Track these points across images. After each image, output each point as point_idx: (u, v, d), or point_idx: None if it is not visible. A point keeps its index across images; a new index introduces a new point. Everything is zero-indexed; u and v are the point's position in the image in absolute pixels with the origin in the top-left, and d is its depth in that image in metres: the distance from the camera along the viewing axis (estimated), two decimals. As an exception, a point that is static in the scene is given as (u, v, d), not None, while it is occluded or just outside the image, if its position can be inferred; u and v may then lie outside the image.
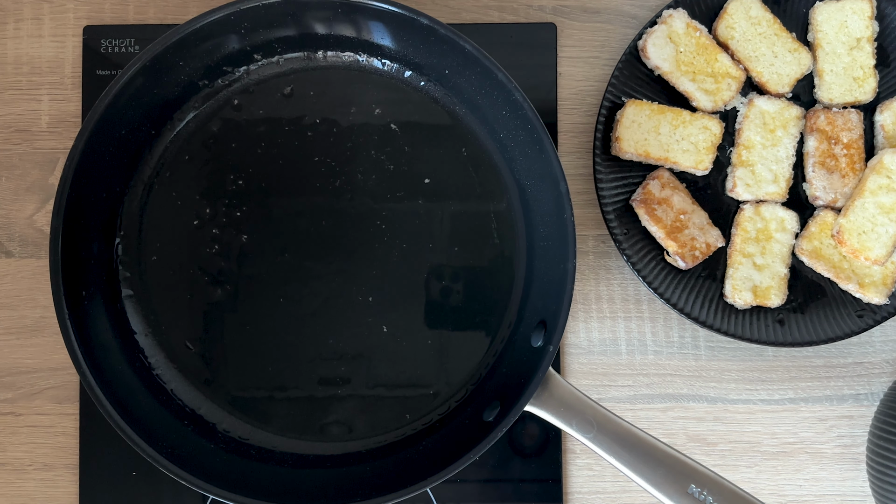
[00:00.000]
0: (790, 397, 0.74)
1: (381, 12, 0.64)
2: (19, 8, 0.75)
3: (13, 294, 0.74)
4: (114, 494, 0.72)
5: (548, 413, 0.62)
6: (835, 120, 0.71)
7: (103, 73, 0.74)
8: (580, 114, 0.75)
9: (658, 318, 0.74)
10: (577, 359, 0.74)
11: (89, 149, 0.63)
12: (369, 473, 0.67)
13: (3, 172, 0.75)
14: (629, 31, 0.75)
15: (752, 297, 0.71)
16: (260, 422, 0.69)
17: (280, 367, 0.69)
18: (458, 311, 0.69)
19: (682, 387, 0.74)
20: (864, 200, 0.69)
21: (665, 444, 0.60)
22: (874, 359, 0.74)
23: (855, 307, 0.71)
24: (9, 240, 0.74)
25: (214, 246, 0.69)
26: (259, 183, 0.69)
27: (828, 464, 0.74)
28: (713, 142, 0.71)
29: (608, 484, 0.74)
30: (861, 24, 0.71)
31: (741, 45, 0.72)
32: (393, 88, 0.70)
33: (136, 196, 0.69)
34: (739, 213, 0.72)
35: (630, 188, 0.72)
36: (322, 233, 0.69)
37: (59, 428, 0.74)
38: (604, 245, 0.75)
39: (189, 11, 0.75)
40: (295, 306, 0.69)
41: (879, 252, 0.69)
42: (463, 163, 0.70)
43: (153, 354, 0.68)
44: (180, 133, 0.69)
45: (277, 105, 0.70)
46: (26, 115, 0.75)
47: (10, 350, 0.74)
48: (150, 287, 0.69)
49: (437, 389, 0.69)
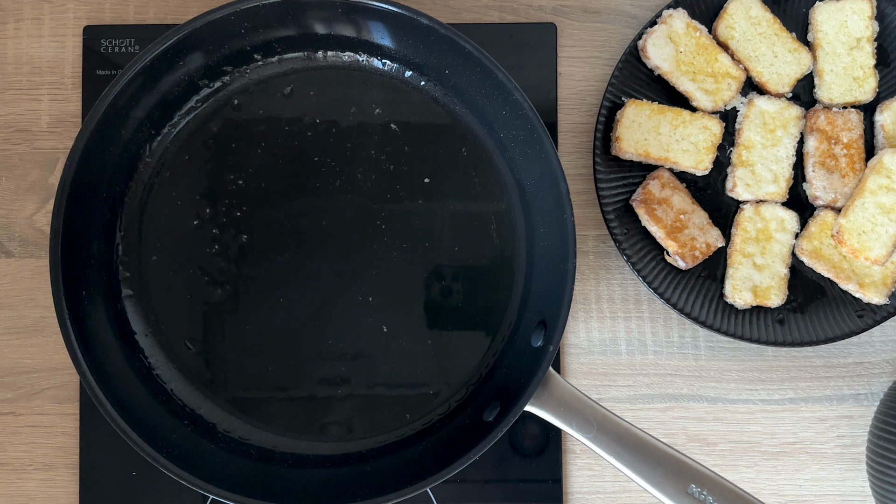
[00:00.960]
0: (790, 397, 0.74)
1: (381, 12, 0.64)
2: (19, 8, 0.75)
3: (13, 294, 0.74)
4: (114, 494, 0.72)
5: (548, 413, 0.62)
6: (835, 120, 0.71)
7: (103, 73, 0.74)
8: (580, 114, 0.75)
9: (658, 318, 0.74)
10: (577, 359, 0.74)
11: (89, 149, 0.63)
12: (369, 473, 0.67)
13: (3, 172, 0.75)
14: (629, 31, 0.75)
15: (752, 297, 0.71)
16: (260, 422, 0.69)
17: (280, 367, 0.69)
18: (458, 311, 0.69)
19: (682, 387, 0.74)
20: (864, 200, 0.69)
21: (665, 444, 0.60)
22: (874, 359, 0.74)
23: (855, 307, 0.71)
24: (9, 240, 0.74)
25: (214, 246, 0.69)
26: (259, 183, 0.70)
27: (828, 464, 0.74)
28: (713, 142, 0.71)
29: (608, 484, 0.74)
30: (861, 24, 0.71)
31: (741, 45, 0.72)
32: (393, 88, 0.70)
33: (136, 196, 0.69)
34: (739, 213, 0.72)
35: (630, 188, 0.72)
36: (322, 233, 0.69)
37: (59, 428, 0.74)
38: (604, 245, 0.75)
39: (189, 11, 0.75)
40: (295, 306, 0.69)
41: (879, 252, 0.69)
42: (463, 163, 0.70)
43: (153, 354, 0.68)
44: (180, 133, 0.69)
45: (277, 105, 0.70)
46: (26, 115, 0.75)
47: (10, 350, 0.74)
48: (150, 287, 0.69)
49: (437, 389, 0.69)
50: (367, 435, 0.69)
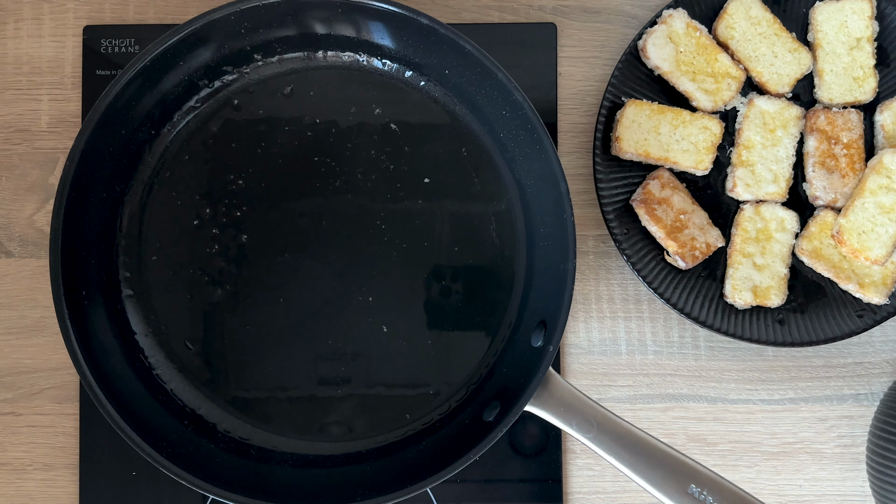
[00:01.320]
0: (790, 397, 0.74)
1: (381, 12, 0.64)
2: (19, 8, 0.75)
3: (13, 294, 0.74)
4: (114, 494, 0.72)
5: (548, 413, 0.62)
6: (835, 120, 0.71)
7: (103, 73, 0.74)
8: (580, 114, 0.75)
9: (658, 318, 0.74)
10: (577, 359, 0.74)
11: (89, 149, 0.63)
12: (369, 473, 0.67)
13: (3, 172, 0.75)
14: (629, 31, 0.75)
15: (752, 297, 0.71)
16: (260, 422, 0.69)
17: (280, 367, 0.69)
18: (458, 311, 0.69)
19: (682, 387, 0.74)
20: (864, 200, 0.69)
21: (665, 444, 0.60)
22: (874, 359, 0.74)
23: (855, 307, 0.71)
24: (9, 240, 0.74)
25: (214, 246, 0.69)
26: (259, 183, 0.69)
27: (828, 464, 0.74)
28: (713, 142, 0.71)
29: (608, 484, 0.74)
30: (861, 24, 0.71)
31: (741, 45, 0.72)
32: (393, 88, 0.70)
33: (136, 196, 0.69)
34: (739, 213, 0.72)
35: (630, 188, 0.72)
36: (322, 233, 0.69)
37: (59, 428, 0.74)
38: (604, 245, 0.75)
39: (189, 11, 0.75)
40: (295, 306, 0.69)
41: (879, 252, 0.69)
42: (463, 163, 0.70)
43: (153, 354, 0.69)
44: (180, 133, 0.69)
45: (277, 105, 0.70)
46: (26, 115, 0.75)
47: (10, 350, 0.74)
48: (150, 287, 0.69)
49: (438, 389, 0.69)
50: (367, 435, 0.69)
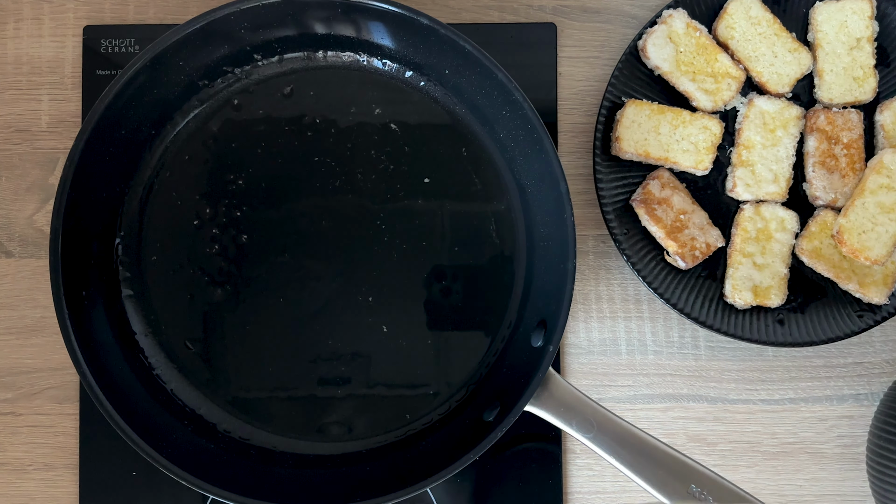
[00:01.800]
0: (790, 397, 0.74)
1: (381, 12, 0.64)
2: (19, 8, 0.75)
3: (13, 294, 0.74)
4: (114, 494, 0.72)
5: (548, 413, 0.62)
6: (835, 120, 0.71)
7: (103, 73, 0.74)
8: (580, 114, 0.75)
9: (658, 318, 0.74)
10: (577, 359, 0.74)
11: (89, 149, 0.63)
12: (369, 473, 0.67)
13: (3, 172, 0.75)
14: (629, 31, 0.75)
15: (752, 296, 0.71)
16: (260, 422, 0.69)
17: (280, 367, 0.69)
18: (458, 311, 0.69)
19: (682, 387, 0.74)
20: (864, 200, 0.69)
21: (665, 444, 0.60)
22: (874, 359, 0.74)
23: (855, 307, 0.71)
24: (9, 240, 0.74)
25: (214, 246, 0.69)
26: (259, 183, 0.70)
27: (828, 464, 0.74)
28: (713, 142, 0.71)
29: (608, 484, 0.74)
30: (861, 24, 0.71)
31: (741, 45, 0.72)
32: (393, 88, 0.70)
33: (136, 196, 0.69)
34: (739, 213, 0.72)
35: (630, 188, 0.72)
36: (322, 233, 0.69)
37: (59, 428, 0.74)
38: (604, 245, 0.75)
39: (189, 11, 0.75)
40: (295, 306, 0.69)
41: (879, 252, 0.69)
42: (463, 163, 0.70)
43: (153, 354, 0.69)
44: (180, 133, 0.69)
45: (277, 105, 0.70)
46: (26, 115, 0.75)
47: (10, 350, 0.74)
48: (150, 287, 0.69)
49: (437, 389, 0.69)
50: (367, 435, 0.69)
